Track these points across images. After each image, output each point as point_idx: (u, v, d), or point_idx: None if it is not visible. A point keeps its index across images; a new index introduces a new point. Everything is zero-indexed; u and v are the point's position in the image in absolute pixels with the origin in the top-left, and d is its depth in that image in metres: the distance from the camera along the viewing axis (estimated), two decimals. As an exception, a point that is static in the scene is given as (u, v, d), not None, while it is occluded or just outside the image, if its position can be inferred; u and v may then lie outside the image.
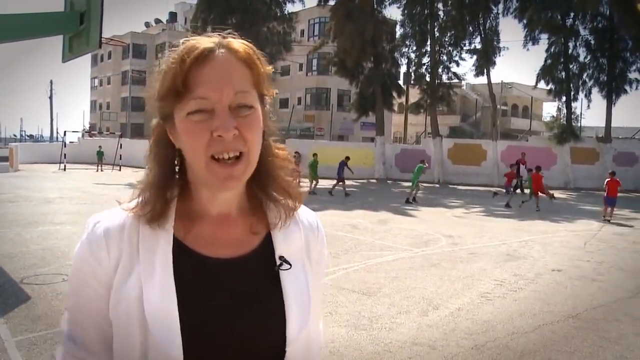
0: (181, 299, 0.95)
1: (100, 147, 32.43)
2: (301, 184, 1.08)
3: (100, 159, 31.19)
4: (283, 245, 1.06)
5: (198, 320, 0.94)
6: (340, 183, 19.87)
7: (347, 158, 21.38)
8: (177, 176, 1.02)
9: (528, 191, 17.67)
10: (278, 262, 1.04)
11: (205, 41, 0.96)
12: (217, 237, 1.03)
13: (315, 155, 20.56)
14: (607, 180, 15.00)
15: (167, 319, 0.93)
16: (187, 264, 0.98)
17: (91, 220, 1.03)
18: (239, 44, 0.98)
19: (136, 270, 0.97)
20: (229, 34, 1.01)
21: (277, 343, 0.99)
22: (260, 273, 1.03)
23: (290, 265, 1.04)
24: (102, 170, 30.05)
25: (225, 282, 0.99)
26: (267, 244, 1.06)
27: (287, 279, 1.03)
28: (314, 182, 19.87)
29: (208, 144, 0.93)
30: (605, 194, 14.67)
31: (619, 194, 14.76)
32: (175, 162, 1.01)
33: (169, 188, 1.01)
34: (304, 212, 1.16)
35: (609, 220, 14.11)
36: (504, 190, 18.31)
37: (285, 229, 1.08)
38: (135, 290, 0.95)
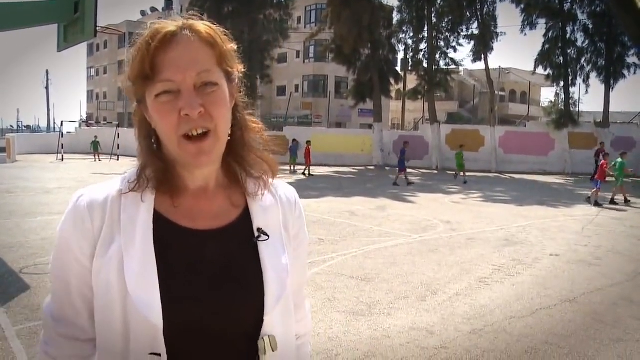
0: (161, 268, 0.98)
1: (95, 137, 32.27)
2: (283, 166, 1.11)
3: (96, 149, 31.05)
4: (261, 218, 1.10)
5: (177, 289, 0.97)
6: (403, 172, 19.42)
7: (406, 143, 20.84)
8: (156, 151, 1.05)
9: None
10: (256, 233, 1.08)
11: (169, 25, 1.00)
12: (197, 210, 1.06)
13: (462, 146, 21.50)
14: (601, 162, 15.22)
15: (147, 288, 0.96)
16: (167, 235, 1.02)
17: (75, 194, 1.07)
18: (201, 24, 1.01)
19: (117, 241, 1.00)
20: (194, 15, 1.04)
21: (255, 311, 1.02)
22: (239, 244, 1.06)
23: (268, 236, 1.08)
24: (99, 160, 29.97)
25: (204, 253, 1.02)
26: (246, 217, 1.10)
27: (265, 250, 1.07)
28: (459, 171, 21.12)
29: (177, 124, 0.97)
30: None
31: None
32: (153, 141, 1.05)
33: (152, 162, 1.05)
34: (282, 188, 1.20)
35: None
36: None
37: (263, 202, 1.12)
38: (115, 259, 0.98)
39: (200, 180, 1.07)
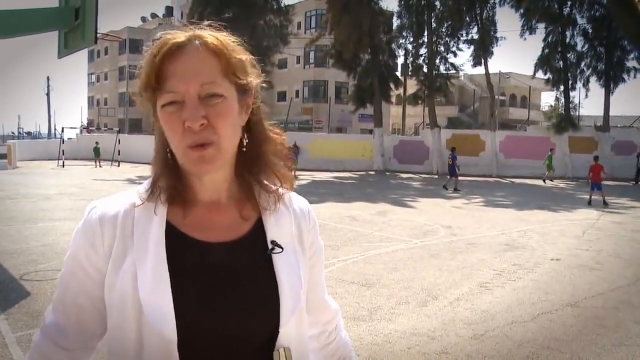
0: (174, 282, 0.97)
1: (97, 143, 32.31)
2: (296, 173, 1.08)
3: (97, 154, 31.11)
4: (274, 230, 1.09)
5: (191, 303, 0.97)
6: (454, 178, 19.76)
7: (454, 149, 21.10)
8: (170, 161, 1.04)
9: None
10: (270, 246, 1.07)
11: (177, 35, 0.99)
12: (209, 222, 1.06)
13: (551, 150, 24.73)
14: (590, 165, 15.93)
15: (161, 302, 0.95)
16: (179, 248, 1.01)
17: (88, 206, 1.07)
18: (210, 35, 1.00)
19: (130, 255, 1.00)
20: (208, 25, 1.03)
21: (270, 324, 1.02)
22: (252, 256, 1.05)
23: (282, 248, 1.07)
24: (100, 166, 29.99)
25: (217, 266, 1.02)
26: (259, 229, 1.09)
27: (279, 262, 1.06)
28: (552, 172, 24.22)
29: (182, 135, 0.96)
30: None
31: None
32: (168, 150, 1.03)
33: (165, 173, 1.04)
34: (296, 200, 1.19)
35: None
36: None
37: (276, 214, 1.11)
38: (129, 275, 0.98)
39: (211, 191, 1.06)
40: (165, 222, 1.03)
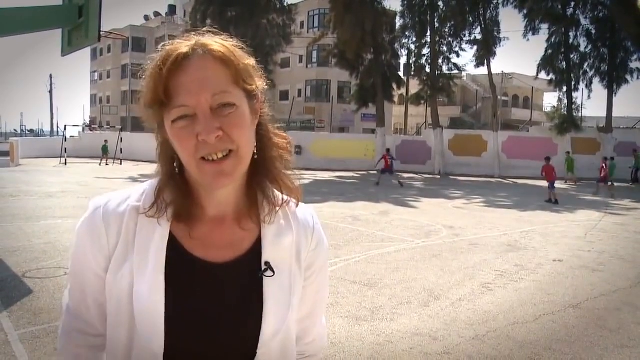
0: (168, 297, 0.97)
1: (105, 141, 32.13)
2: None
3: (105, 152, 31.02)
4: (272, 249, 1.07)
5: (181, 319, 0.97)
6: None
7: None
8: (177, 176, 1.02)
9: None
10: (263, 267, 1.05)
11: (181, 45, 0.95)
12: (212, 239, 1.04)
13: (568, 153, 24.57)
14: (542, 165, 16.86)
15: (153, 315, 0.96)
16: (178, 264, 1.01)
17: (93, 202, 1.05)
18: (215, 43, 0.97)
19: (130, 261, 0.99)
20: (207, 31, 1.00)
21: (249, 345, 1.02)
22: (246, 277, 1.04)
23: (274, 272, 1.05)
24: (107, 164, 29.88)
25: (211, 285, 1.02)
26: (257, 247, 1.06)
27: (270, 285, 1.05)
28: (569, 174, 23.90)
29: (196, 148, 0.93)
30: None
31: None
32: (175, 165, 1.01)
33: (171, 186, 1.02)
34: (302, 214, 1.15)
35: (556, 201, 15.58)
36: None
37: (277, 230, 1.08)
38: (127, 280, 0.98)
39: (219, 206, 1.04)
40: (168, 235, 1.01)
